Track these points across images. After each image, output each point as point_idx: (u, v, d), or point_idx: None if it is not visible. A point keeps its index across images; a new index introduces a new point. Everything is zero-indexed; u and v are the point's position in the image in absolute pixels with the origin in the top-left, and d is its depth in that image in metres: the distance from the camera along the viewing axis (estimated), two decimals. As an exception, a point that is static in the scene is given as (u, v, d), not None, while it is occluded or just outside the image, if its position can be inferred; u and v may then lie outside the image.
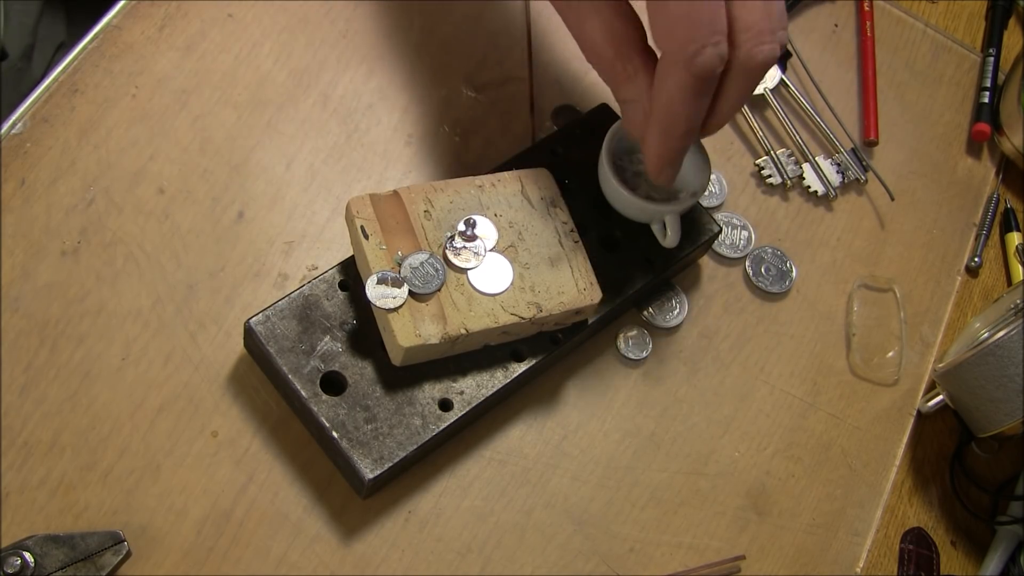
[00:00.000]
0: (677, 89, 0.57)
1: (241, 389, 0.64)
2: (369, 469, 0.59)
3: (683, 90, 0.57)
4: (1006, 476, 0.74)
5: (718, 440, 0.70)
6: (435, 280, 0.61)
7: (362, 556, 0.62)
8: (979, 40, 0.89)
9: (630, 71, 0.60)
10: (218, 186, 0.68)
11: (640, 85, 0.61)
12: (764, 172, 0.78)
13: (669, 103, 0.58)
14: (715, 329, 0.73)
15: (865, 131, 0.82)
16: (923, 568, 0.70)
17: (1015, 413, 0.67)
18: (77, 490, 0.60)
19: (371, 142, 0.72)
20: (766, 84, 0.80)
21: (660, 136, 0.61)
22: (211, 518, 0.61)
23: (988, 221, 0.81)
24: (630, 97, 0.62)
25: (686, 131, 0.60)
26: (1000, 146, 0.84)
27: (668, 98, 0.58)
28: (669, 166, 0.62)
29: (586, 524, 0.66)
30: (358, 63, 0.74)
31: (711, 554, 0.67)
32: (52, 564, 0.56)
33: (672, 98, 0.58)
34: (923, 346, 0.76)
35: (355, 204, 0.62)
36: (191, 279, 0.66)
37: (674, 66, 0.57)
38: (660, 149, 0.61)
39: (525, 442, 0.67)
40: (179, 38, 0.71)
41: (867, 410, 0.73)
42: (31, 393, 0.61)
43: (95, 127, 0.68)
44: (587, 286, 0.64)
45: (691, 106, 0.58)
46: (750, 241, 0.76)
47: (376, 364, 0.62)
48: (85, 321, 0.63)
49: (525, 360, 0.64)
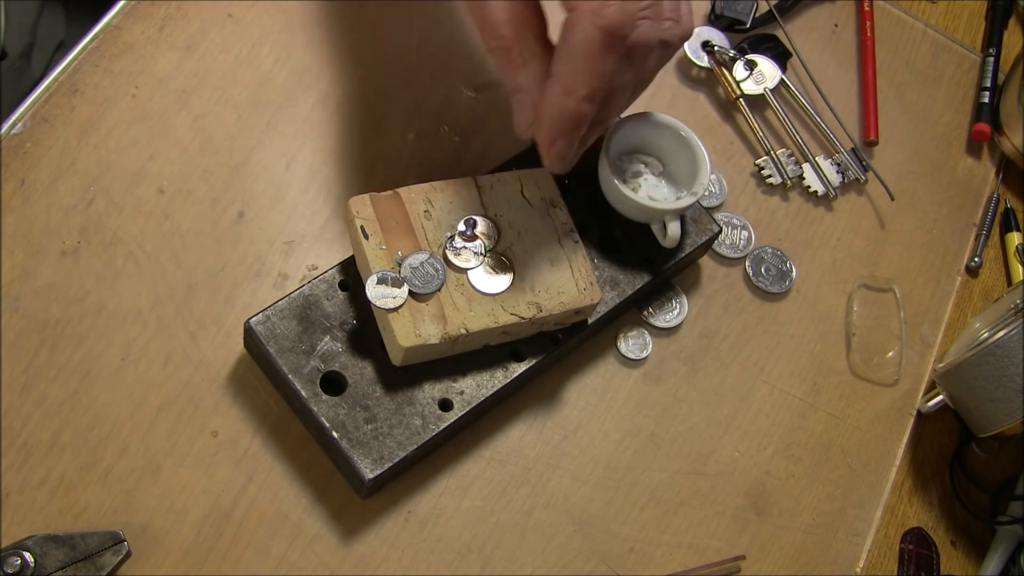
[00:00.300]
0: (582, 40, 0.54)
1: (241, 389, 0.64)
2: (369, 469, 0.59)
3: (590, 42, 0.54)
4: (1006, 476, 0.74)
5: (718, 440, 0.70)
6: (435, 280, 0.61)
7: (362, 556, 0.62)
8: (979, 40, 0.89)
9: (526, 56, 0.58)
10: (218, 186, 0.68)
11: (534, 73, 0.58)
12: (764, 172, 0.78)
13: (572, 57, 0.55)
14: (715, 329, 0.73)
15: (865, 131, 0.82)
16: (923, 568, 0.70)
17: (1015, 413, 0.67)
18: (77, 490, 0.60)
19: (371, 142, 0.72)
20: (766, 84, 0.80)
21: (557, 98, 0.56)
22: (211, 518, 0.61)
23: (988, 221, 0.81)
24: (523, 85, 0.58)
25: (588, 95, 0.56)
26: (1000, 146, 0.84)
27: (571, 51, 0.55)
28: (565, 136, 0.58)
29: (586, 524, 0.66)
30: (358, 63, 0.74)
31: (711, 554, 0.67)
32: (52, 564, 0.56)
33: (575, 50, 0.55)
34: (923, 346, 0.76)
35: (355, 204, 0.62)
36: (191, 279, 0.66)
37: (581, 17, 0.54)
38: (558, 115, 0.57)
39: (525, 442, 0.67)
40: (179, 38, 0.71)
41: (867, 410, 0.73)
42: (31, 393, 0.61)
43: (95, 127, 0.68)
44: (587, 286, 0.64)
45: (597, 64, 0.55)
46: (750, 241, 0.76)
47: (376, 364, 0.62)
48: (85, 321, 0.63)
49: (525, 360, 0.64)
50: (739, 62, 0.80)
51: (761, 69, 0.80)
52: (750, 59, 0.81)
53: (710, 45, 0.80)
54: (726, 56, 0.80)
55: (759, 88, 0.80)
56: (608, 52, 0.55)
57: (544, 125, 0.58)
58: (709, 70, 0.81)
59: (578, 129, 0.58)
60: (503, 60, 0.59)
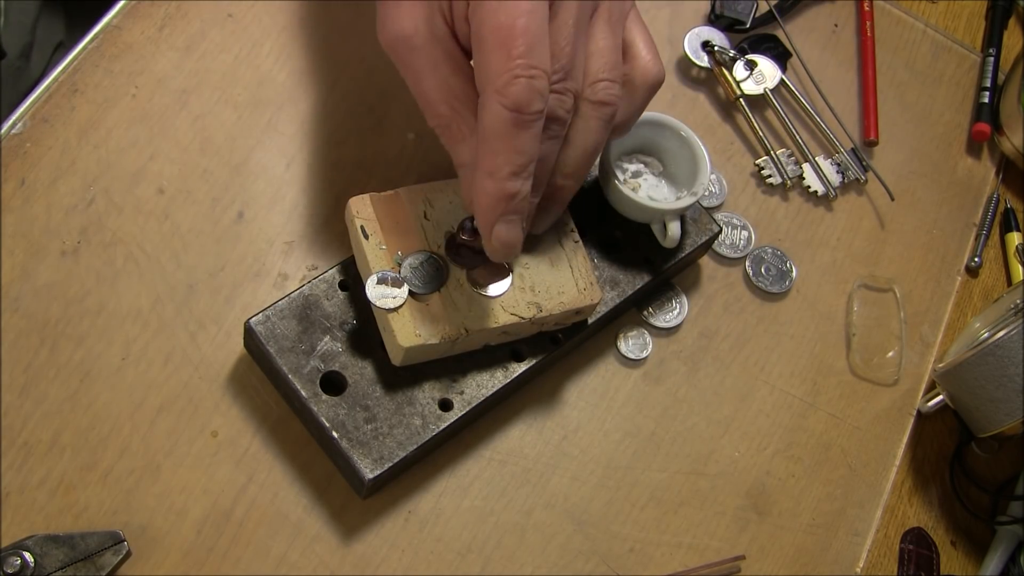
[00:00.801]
0: (493, 121, 0.54)
1: (241, 389, 0.64)
2: (369, 469, 0.59)
3: (500, 122, 0.53)
4: (1006, 476, 0.74)
5: (718, 440, 0.70)
6: (435, 280, 0.61)
7: (362, 556, 0.62)
8: (979, 40, 0.89)
9: (465, 132, 0.57)
10: (218, 186, 0.68)
11: (474, 148, 0.57)
12: (764, 172, 0.78)
13: (487, 139, 0.54)
14: (715, 329, 0.73)
15: (865, 131, 0.82)
16: (923, 568, 0.70)
17: (1015, 413, 0.67)
18: (77, 490, 0.60)
19: (371, 142, 0.72)
20: (766, 84, 0.80)
21: (482, 183, 0.55)
22: (211, 518, 0.61)
23: (988, 221, 0.81)
24: (465, 160, 0.58)
25: (511, 174, 0.55)
26: (1000, 146, 0.84)
27: (486, 134, 0.54)
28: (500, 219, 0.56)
29: (586, 524, 0.66)
30: (358, 62, 0.74)
31: (711, 554, 0.67)
32: (52, 564, 0.56)
33: (488, 131, 0.54)
34: (923, 346, 0.76)
35: (355, 204, 0.62)
36: (191, 279, 0.66)
37: (488, 98, 0.54)
38: (485, 200, 0.56)
39: (525, 442, 0.67)
40: (179, 38, 0.71)
41: (867, 410, 0.73)
42: (31, 393, 0.61)
43: (95, 127, 0.68)
44: (587, 286, 0.64)
45: (512, 142, 0.54)
46: (750, 241, 0.76)
47: (376, 364, 0.62)
48: (85, 321, 0.63)
49: (525, 360, 0.64)
50: (739, 62, 0.80)
51: (761, 69, 0.80)
52: (750, 59, 0.81)
53: (710, 45, 0.80)
54: (726, 56, 0.80)
55: (759, 88, 0.80)
56: (522, 129, 0.54)
57: (480, 212, 0.57)
58: (709, 70, 0.81)
59: (514, 210, 0.56)
60: (444, 137, 0.59)
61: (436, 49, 0.58)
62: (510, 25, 0.53)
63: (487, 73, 0.54)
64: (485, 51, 0.54)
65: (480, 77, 0.55)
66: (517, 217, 0.57)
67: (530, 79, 0.53)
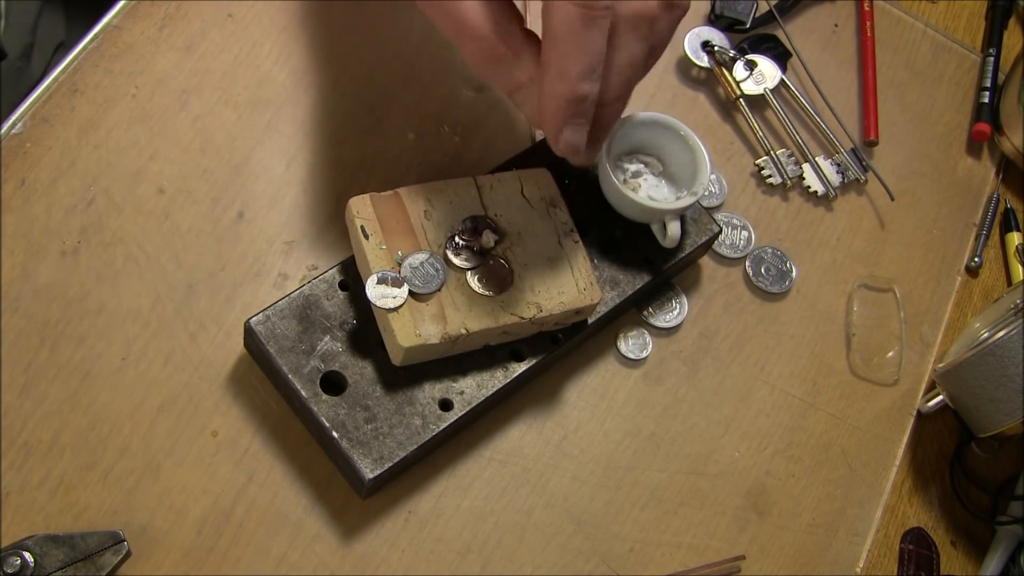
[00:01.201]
0: (561, 20, 0.53)
1: (241, 389, 0.64)
2: (369, 469, 0.59)
3: (569, 20, 0.53)
4: (1006, 476, 0.74)
5: (718, 440, 0.70)
6: (435, 280, 0.61)
7: (362, 556, 0.62)
8: (979, 40, 0.89)
9: (516, 48, 0.56)
10: (218, 186, 0.68)
11: (529, 63, 0.56)
12: (764, 172, 0.78)
13: (556, 40, 0.54)
14: (715, 329, 0.73)
15: (865, 131, 0.82)
16: (923, 568, 0.70)
17: (1015, 413, 0.67)
18: (77, 490, 0.60)
19: (371, 142, 0.72)
20: (766, 84, 0.80)
21: (552, 86, 0.55)
22: (211, 518, 0.61)
23: (988, 221, 0.81)
24: (522, 79, 0.57)
25: (582, 73, 0.55)
26: (1000, 146, 0.84)
27: (554, 35, 0.54)
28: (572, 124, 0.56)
29: (586, 524, 0.66)
30: (358, 63, 0.74)
31: (711, 554, 0.67)
32: (52, 564, 0.56)
33: (557, 32, 0.54)
34: (923, 346, 0.76)
35: (355, 204, 0.62)
36: (191, 279, 0.66)
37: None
38: (555, 105, 0.55)
39: (525, 442, 0.67)
40: (179, 38, 0.71)
41: (867, 410, 0.73)
42: (31, 393, 0.61)
43: (95, 127, 0.68)
44: (587, 286, 0.64)
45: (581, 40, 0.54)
46: (750, 241, 0.76)
47: (376, 364, 0.62)
48: (85, 321, 0.63)
49: (525, 360, 0.64)
50: (739, 62, 0.80)
51: (761, 69, 0.80)
52: (750, 59, 0.81)
53: (710, 45, 0.80)
54: (726, 56, 0.80)
55: (759, 88, 0.80)
56: (590, 26, 0.54)
57: (547, 118, 0.57)
58: (709, 70, 0.81)
59: (582, 114, 0.56)
60: (490, 65, 0.57)
61: None
62: None
63: None
64: None
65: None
66: (584, 120, 0.57)
67: None
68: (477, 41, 0.56)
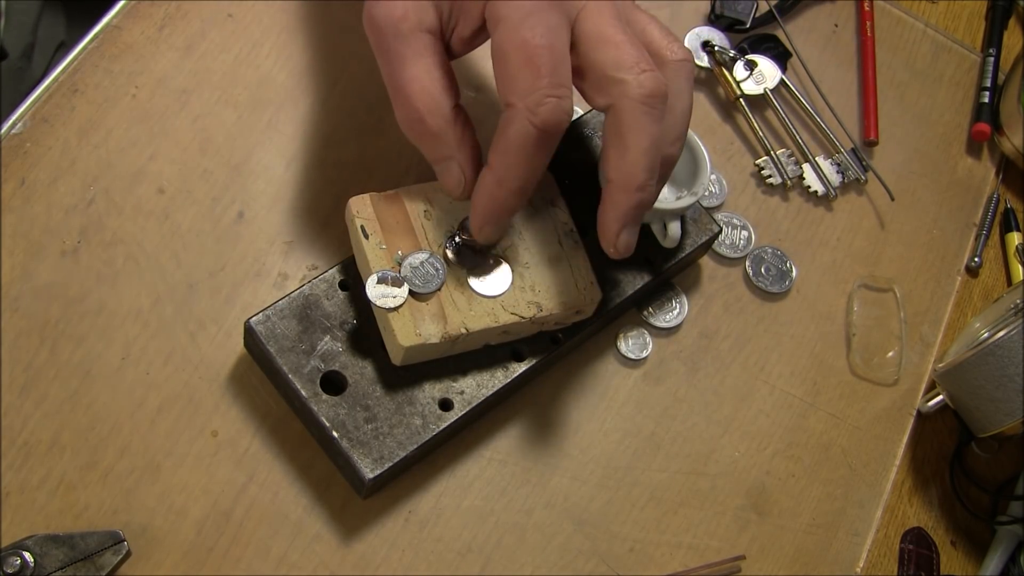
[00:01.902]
0: (518, 136, 0.55)
1: (241, 389, 0.64)
2: (369, 469, 0.59)
3: (525, 138, 0.55)
4: (1006, 476, 0.74)
5: (718, 440, 0.70)
6: (435, 280, 0.61)
7: (362, 556, 0.62)
8: (979, 40, 0.89)
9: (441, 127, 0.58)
10: (218, 186, 0.68)
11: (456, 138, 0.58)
12: (764, 172, 0.78)
13: (506, 150, 0.56)
14: (715, 329, 0.73)
15: (865, 131, 0.82)
16: (923, 568, 0.70)
17: (1015, 413, 0.67)
18: (77, 490, 0.60)
19: (372, 142, 0.72)
20: (766, 84, 0.80)
21: (489, 188, 0.57)
22: (211, 518, 0.61)
23: (988, 221, 0.81)
24: (447, 153, 0.59)
25: (520, 187, 0.57)
26: (1000, 146, 0.84)
27: (505, 144, 0.56)
28: (494, 223, 0.59)
29: (586, 524, 0.66)
30: (358, 62, 0.74)
31: (711, 554, 0.67)
32: (52, 564, 0.56)
33: (511, 145, 0.55)
34: (923, 346, 0.76)
35: (355, 204, 0.62)
36: (191, 279, 0.66)
37: (517, 114, 0.55)
38: (489, 204, 0.58)
39: (525, 442, 0.67)
40: (179, 38, 0.71)
41: (867, 410, 0.73)
42: (31, 393, 0.61)
43: (95, 127, 0.68)
44: (587, 286, 0.64)
45: (530, 159, 0.56)
46: (750, 241, 0.76)
47: (376, 364, 0.62)
48: (85, 321, 0.63)
49: (525, 360, 0.64)
50: (739, 62, 0.80)
51: (761, 69, 0.80)
52: (750, 59, 0.81)
53: (710, 45, 0.80)
54: (726, 56, 0.80)
55: (759, 88, 0.80)
56: (542, 147, 0.56)
57: (477, 212, 0.59)
58: (709, 70, 0.81)
59: (509, 216, 0.59)
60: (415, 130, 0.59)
61: (422, 40, 0.58)
62: (536, 44, 0.54)
63: (514, 89, 0.55)
64: (511, 66, 0.55)
65: (505, 90, 0.55)
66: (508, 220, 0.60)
67: (559, 99, 0.54)
68: (407, 111, 0.58)
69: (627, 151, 0.56)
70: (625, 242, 0.59)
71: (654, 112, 0.56)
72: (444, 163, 0.59)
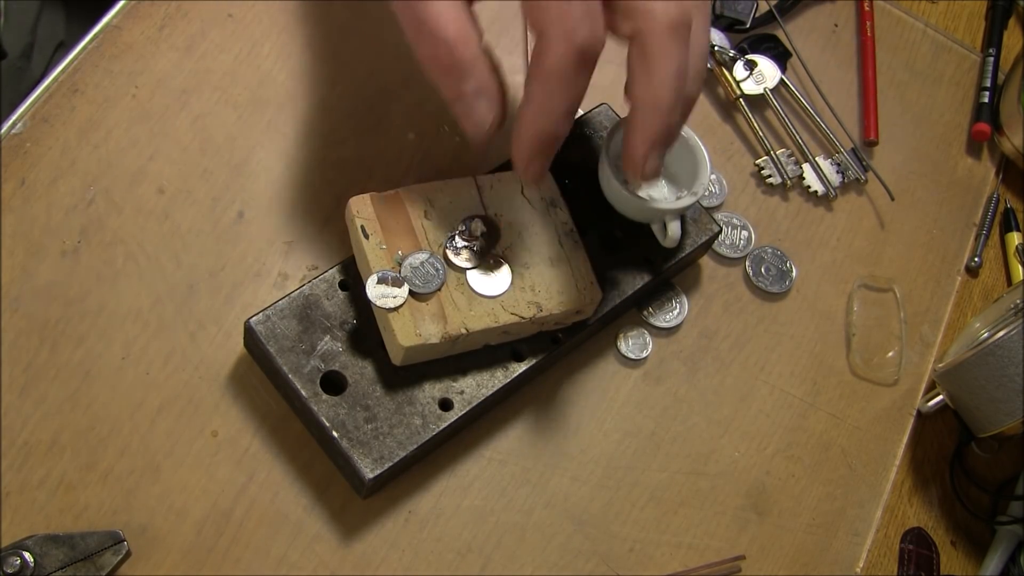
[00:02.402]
0: (557, 62, 0.54)
1: (241, 389, 0.64)
2: (369, 469, 0.59)
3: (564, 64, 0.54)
4: (1006, 476, 0.74)
5: (718, 440, 0.70)
6: (435, 280, 0.61)
7: (362, 556, 0.62)
8: (979, 40, 0.89)
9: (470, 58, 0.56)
10: (218, 186, 0.68)
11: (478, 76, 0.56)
12: (764, 172, 0.78)
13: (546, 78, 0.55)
14: (715, 329, 0.73)
15: (865, 131, 0.82)
16: (923, 568, 0.70)
17: (1015, 413, 0.67)
18: (77, 490, 0.60)
19: (371, 142, 0.72)
20: (766, 84, 0.80)
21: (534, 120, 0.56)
22: (211, 518, 0.61)
23: (988, 221, 0.82)
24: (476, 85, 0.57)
25: (566, 111, 0.56)
26: (1000, 146, 0.84)
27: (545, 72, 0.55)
28: (544, 155, 0.58)
29: (586, 524, 0.66)
30: (358, 62, 0.74)
31: (711, 554, 0.67)
32: (52, 564, 0.56)
33: (550, 72, 0.55)
34: (923, 346, 0.76)
35: (355, 204, 0.62)
36: (191, 279, 0.66)
37: (553, 40, 0.54)
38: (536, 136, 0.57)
39: (525, 442, 0.67)
40: (179, 38, 0.71)
41: (867, 410, 0.73)
42: (31, 393, 0.61)
43: (95, 127, 0.68)
44: (587, 286, 0.64)
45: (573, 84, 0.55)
46: (750, 241, 0.76)
47: (376, 364, 0.62)
48: (85, 321, 0.63)
49: (525, 360, 0.64)
50: (739, 62, 0.80)
51: (761, 69, 0.80)
52: (750, 59, 0.81)
53: (710, 45, 0.80)
54: (726, 56, 0.80)
55: (759, 88, 0.80)
56: (582, 71, 0.55)
57: (523, 146, 0.58)
58: (709, 70, 0.81)
59: (555, 147, 0.58)
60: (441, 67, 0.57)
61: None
62: None
63: (547, 16, 0.54)
64: None
65: (538, 19, 0.54)
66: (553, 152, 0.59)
67: (594, 20, 0.54)
68: (434, 43, 0.56)
69: (654, 74, 0.56)
70: (653, 166, 0.58)
71: (680, 38, 0.56)
72: (470, 99, 0.57)
